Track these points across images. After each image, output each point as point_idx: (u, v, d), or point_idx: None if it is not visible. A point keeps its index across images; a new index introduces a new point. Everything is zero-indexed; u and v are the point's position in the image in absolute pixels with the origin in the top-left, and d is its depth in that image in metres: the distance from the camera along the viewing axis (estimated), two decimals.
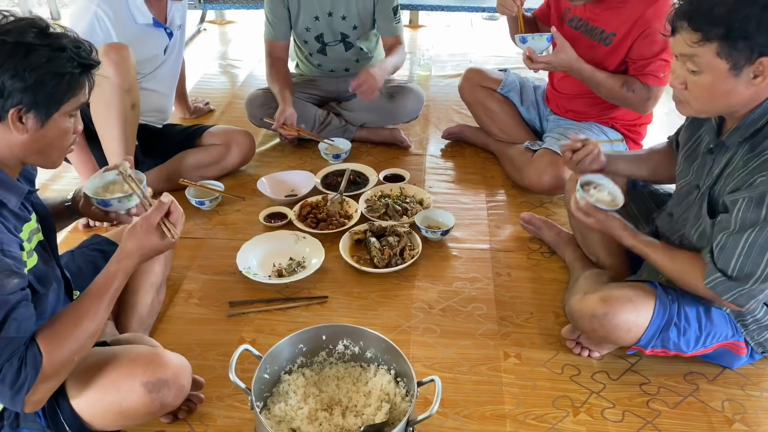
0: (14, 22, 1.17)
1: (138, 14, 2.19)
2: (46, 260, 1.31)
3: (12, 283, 1.14)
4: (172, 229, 1.32)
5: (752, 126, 1.36)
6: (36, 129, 1.19)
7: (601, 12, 2.15)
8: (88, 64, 1.21)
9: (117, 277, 1.28)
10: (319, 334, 1.56)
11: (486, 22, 4.54)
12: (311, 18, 2.59)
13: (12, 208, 1.22)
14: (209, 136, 2.48)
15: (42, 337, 1.18)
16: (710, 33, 1.27)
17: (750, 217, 1.32)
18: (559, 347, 1.75)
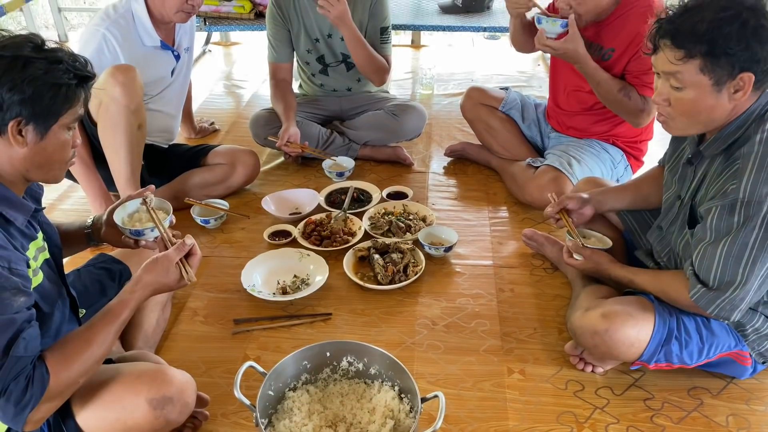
0: (10, 38, 1.20)
1: (146, 37, 2.24)
2: (51, 278, 1.33)
3: (19, 302, 1.16)
4: (190, 271, 1.39)
5: (729, 137, 1.40)
6: (36, 142, 1.21)
7: (600, 29, 2.19)
8: (84, 76, 1.24)
9: (128, 306, 1.32)
10: (323, 351, 1.57)
11: (487, 41, 4.58)
12: (311, 40, 2.63)
13: (19, 226, 1.24)
14: (214, 156, 2.51)
15: (51, 357, 1.20)
16: (693, 50, 1.31)
17: (724, 225, 1.37)
18: (562, 363, 1.76)
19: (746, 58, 1.28)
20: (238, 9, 3.66)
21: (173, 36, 2.35)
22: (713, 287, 1.41)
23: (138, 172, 2.21)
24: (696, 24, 1.30)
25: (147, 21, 2.21)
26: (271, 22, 2.63)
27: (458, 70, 3.95)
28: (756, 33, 1.27)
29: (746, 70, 1.30)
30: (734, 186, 1.34)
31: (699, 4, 1.32)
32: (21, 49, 1.17)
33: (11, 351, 1.13)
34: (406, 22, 3.65)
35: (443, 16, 3.76)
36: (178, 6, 2.16)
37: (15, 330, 1.14)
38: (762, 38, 1.27)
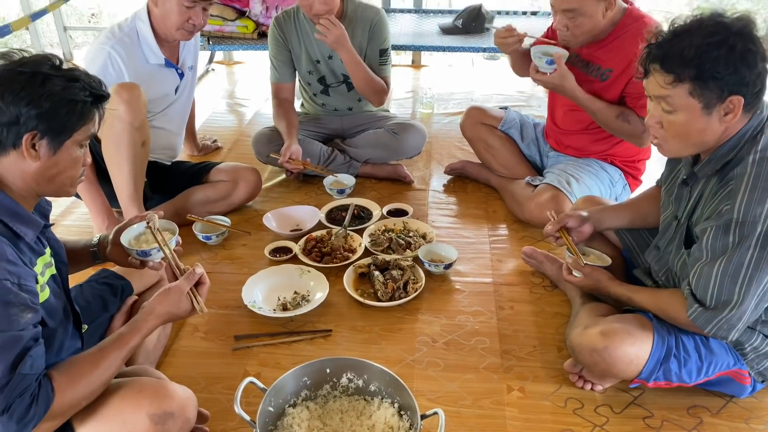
0: (30, 56, 1.24)
1: (150, 55, 2.27)
2: (57, 294, 1.35)
3: (26, 318, 1.17)
4: (201, 301, 1.44)
5: (723, 159, 1.43)
6: (48, 156, 1.24)
7: (597, 50, 2.22)
8: (99, 95, 1.28)
9: (139, 334, 1.36)
10: (323, 367, 1.58)
11: (487, 61, 4.64)
12: (312, 62, 2.67)
13: (28, 241, 1.26)
14: (217, 173, 2.53)
15: (58, 376, 1.21)
16: (682, 74, 1.34)
17: (719, 246, 1.38)
18: (562, 380, 1.76)
19: (734, 81, 1.31)
20: (242, 29, 3.70)
21: (177, 54, 2.39)
22: (710, 307, 1.43)
23: (141, 188, 2.23)
24: (684, 49, 1.33)
25: (151, 39, 2.25)
26: (273, 43, 2.67)
27: (458, 89, 3.99)
28: (743, 57, 1.30)
29: (735, 93, 1.33)
30: (728, 206, 1.36)
31: (687, 29, 1.35)
32: (40, 66, 1.21)
33: (18, 368, 1.14)
34: (407, 42, 3.70)
35: (443, 37, 3.80)
36: (178, 24, 2.20)
37: (22, 347, 1.16)
38: (749, 62, 1.31)
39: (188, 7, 2.17)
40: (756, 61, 1.31)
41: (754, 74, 1.31)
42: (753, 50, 1.31)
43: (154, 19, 2.24)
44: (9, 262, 1.17)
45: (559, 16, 2.12)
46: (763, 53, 1.32)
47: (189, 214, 2.35)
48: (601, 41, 2.19)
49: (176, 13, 2.17)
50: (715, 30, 1.32)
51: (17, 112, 1.18)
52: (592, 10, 2.08)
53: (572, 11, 2.08)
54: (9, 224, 1.23)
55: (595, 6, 2.08)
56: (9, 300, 1.15)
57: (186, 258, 2.29)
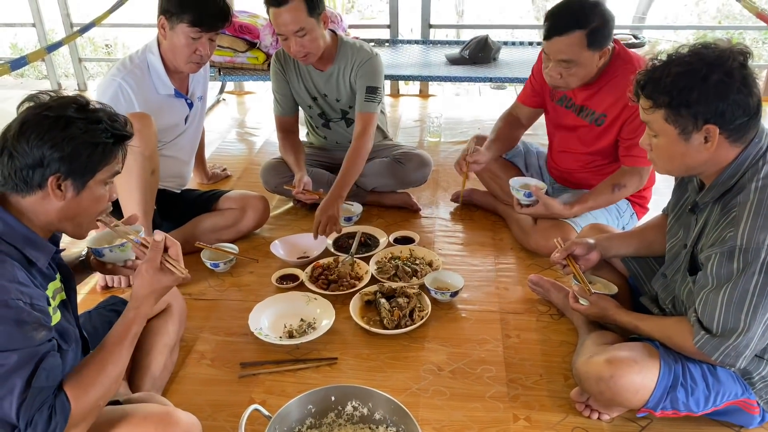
0: (58, 98, 1.28)
1: (160, 85, 2.32)
2: (67, 319, 1.37)
3: (41, 335, 1.20)
4: (176, 264, 1.39)
5: (723, 187, 1.45)
6: (73, 196, 1.28)
7: (590, 93, 2.24)
8: (121, 135, 1.31)
9: (135, 323, 1.36)
10: (329, 395, 1.57)
11: (493, 91, 4.69)
12: (310, 99, 2.72)
13: (40, 266, 1.29)
14: (225, 201, 2.56)
15: (69, 385, 1.24)
16: (658, 101, 1.39)
17: (724, 272, 1.39)
18: (568, 410, 1.75)
19: (707, 111, 1.35)
20: (252, 60, 3.77)
21: (187, 85, 2.44)
22: (717, 334, 1.42)
23: (150, 216, 2.26)
24: (663, 77, 1.38)
25: (161, 70, 2.30)
26: (274, 77, 2.71)
27: (465, 118, 4.03)
28: (716, 88, 1.33)
29: (710, 122, 1.36)
30: (732, 233, 1.37)
31: (670, 60, 1.39)
32: (65, 110, 1.25)
33: (33, 382, 1.17)
34: (415, 73, 3.75)
35: (450, 67, 3.86)
36: (186, 56, 2.26)
37: (36, 362, 1.19)
38: (722, 93, 1.33)
39: (194, 39, 2.22)
40: (728, 92, 1.33)
41: (727, 104, 1.33)
42: (726, 81, 1.33)
43: (164, 51, 2.29)
44: (21, 284, 1.21)
45: (553, 64, 2.13)
46: (740, 84, 1.33)
47: (197, 242, 2.37)
48: (593, 83, 2.21)
49: (184, 45, 2.23)
50: (691, 60, 1.36)
51: (41, 154, 1.23)
52: (588, 61, 2.10)
53: (568, 61, 2.09)
54: (22, 250, 1.26)
55: (591, 57, 2.09)
56: (23, 319, 1.18)
57: (193, 285, 2.31)
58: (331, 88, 2.66)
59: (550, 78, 2.18)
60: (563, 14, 2.06)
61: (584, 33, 2.03)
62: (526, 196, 2.26)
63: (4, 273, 1.20)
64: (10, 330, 1.16)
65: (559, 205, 2.27)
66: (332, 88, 2.66)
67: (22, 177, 1.24)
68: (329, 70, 2.62)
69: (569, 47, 2.06)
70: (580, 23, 2.03)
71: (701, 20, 7.25)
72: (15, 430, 1.17)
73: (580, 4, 2.05)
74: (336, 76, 2.62)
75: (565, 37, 2.04)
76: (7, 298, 1.17)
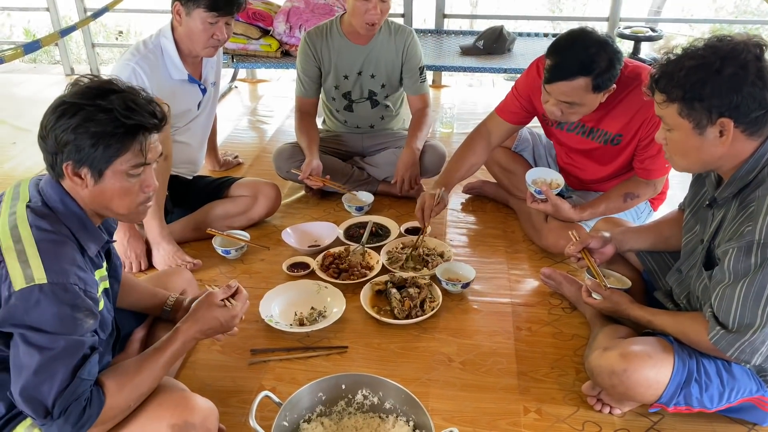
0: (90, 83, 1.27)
1: (174, 70, 2.32)
2: (108, 308, 1.39)
3: (88, 324, 1.23)
4: (232, 301, 1.52)
5: (741, 182, 1.42)
6: (93, 184, 1.28)
7: (601, 115, 2.14)
8: (135, 126, 1.25)
9: (177, 339, 1.42)
10: (339, 383, 1.57)
11: (507, 82, 4.65)
12: (341, 76, 2.70)
13: (91, 254, 1.31)
14: (237, 188, 2.56)
15: (107, 381, 1.27)
16: (671, 95, 1.38)
17: (741, 267, 1.37)
18: (579, 403, 1.73)
19: (721, 104, 1.32)
20: (265, 47, 3.76)
21: (200, 70, 2.43)
22: (732, 329, 1.40)
23: (162, 202, 2.27)
24: (676, 71, 1.36)
25: (175, 55, 2.29)
26: (303, 57, 2.70)
27: (478, 109, 4.00)
28: (730, 81, 1.31)
29: (724, 116, 1.33)
30: (750, 228, 1.34)
31: (684, 54, 1.38)
32: (82, 96, 1.23)
33: (78, 372, 1.20)
34: (428, 63, 3.71)
35: (464, 58, 3.82)
36: (204, 42, 2.25)
37: (83, 353, 1.21)
38: (736, 86, 1.31)
39: (212, 23, 2.21)
40: (742, 85, 1.31)
41: (742, 97, 1.31)
42: (740, 74, 1.31)
43: (178, 36, 2.28)
44: (79, 267, 1.23)
45: (553, 101, 2.03)
46: (755, 77, 1.31)
47: (209, 228, 2.38)
48: (602, 105, 2.07)
49: (201, 31, 2.22)
50: (705, 53, 1.34)
51: (54, 141, 1.23)
52: (592, 102, 2.01)
53: (571, 104, 2.01)
54: (76, 235, 1.28)
55: (595, 98, 2.00)
56: (77, 304, 1.20)
57: (204, 271, 2.31)
58: (369, 64, 2.68)
59: (550, 113, 2.08)
60: (567, 58, 1.93)
61: (589, 79, 1.92)
62: (537, 193, 2.21)
63: (65, 255, 1.22)
64: (65, 314, 1.18)
65: (569, 208, 2.21)
66: (370, 64, 2.68)
67: (50, 163, 1.26)
68: (370, 44, 2.64)
69: (573, 91, 1.96)
70: (585, 69, 1.91)
71: (718, 15, 7.17)
72: (47, 415, 1.19)
73: (585, 46, 1.91)
74: (376, 51, 2.66)
75: (569, 82, 1.94)
76: (66, 282, 1.19)
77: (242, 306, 1.56)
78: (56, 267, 1.19)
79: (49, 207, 1.27)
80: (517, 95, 2.33)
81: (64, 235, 1.25)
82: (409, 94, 2.81)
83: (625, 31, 3.75)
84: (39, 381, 1.17)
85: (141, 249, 2.30)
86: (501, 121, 2.39)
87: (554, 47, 1.99)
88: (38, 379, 1.17)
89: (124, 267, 2.27)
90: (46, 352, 1.17)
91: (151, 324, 1.78)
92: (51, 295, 1.17)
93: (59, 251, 1.21)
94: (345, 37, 2.64)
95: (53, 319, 1.17)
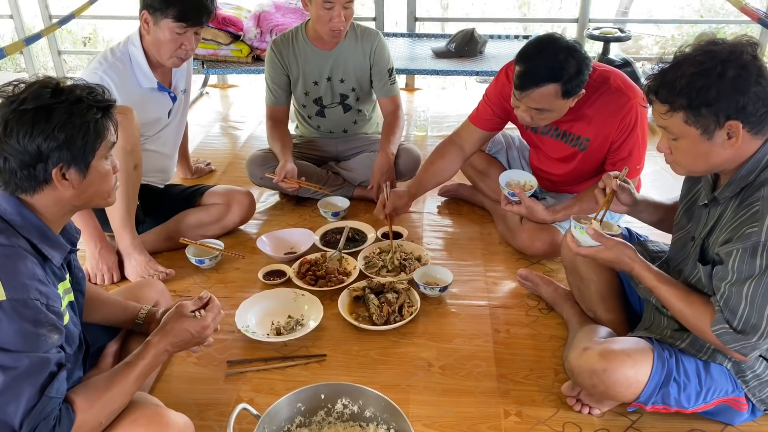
0: (27, 88, 1.23)
1: (143, 79, 2.27)
2: (74, 321, 1.36)
3: (53, 339, 1.19)
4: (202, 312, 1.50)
5: (742, 182, 1.42)
6: (80, 181, 1.27)
7: (573, 119, 2.15)
8: (106, 106, 1.29)
9: (148, 353, 1.38)
10: (318, 393, 1.55)
11: (479, 84, 4.67)
12: (310, 83, 2.68)
13: (54, 264, 1.28)
14: (210, 196, 2.52)
15: (77, 399, 1.23)
16: (675, 104, 1.36)
17: (747, 268, 1.36)
18: (559, 404, 1.74)
19: (728, 107, 1.32)
20: (236, 53, 3.72)
21: (170, 78, 2.39)
22: (738, 328, 1.39)
23: (133, 212, 2.22)
24: (676, 79, 1.35)
25: (144, 63, 2.25)
26: (270, 66, 2.68)
27: (451, 112, 4.01)
28: (734, 83, 1.31)
29: (732, 118, 1.33)
30: (755, 229, 1.33)
31: (680, 60, 1.37)
32: (40, 99, 1.21)
33: (46, 391, 1.16)
34: (401, 66, 3.72)
35: (437, 61, 3.83)
36: (171, 51, 2.21)
37: (50, 370, 1.18)
38: (741, 87, 1.31)
39: (180, 34, 2.17)
40: (747, 85, 1.31)
41: (748, 98, 1.31)
42: (744, 75, 1.31)
43: (147, 45, 2.24)
44: (40, 281, 1.19)
45: (523, 107, 2.03)
46: (757, 76, 1.31)
47: (182, 238, 2.34)
48: (572, 108, 2.08)
49: (169, 41, 2.18)
50: (704, 59, 1.34)
51: (36, 149, 1.20)
52: (561, 107, 2.02)
53: (541, 110, 2.02)
54: (38, 246, 1.24)
55: (565, 104, 2.01)
56: (40, 319, 1.16)
57: (178, 282, 2.27)
58: (337, 69, 2.66)
59: (520, 119, 2.09)
60: (536, 65, 1.93)
61: (558, 85, 1.93)
62: (511, 195, 2.20)
63: (24, 270, 1.18)
64: (27, 330, 1.15)
65: (542, 210, 2.20)
66: (338, 69, 2.66)
67: (25, 176, 1.22)
68: (336, 49, 2.62)
69: (543, 97, 1.96)
70: (554, 76, 1.91)
71: (684, 13, 7.30)
72: None
73: (554, 53, 1.92)
74: (343, 55, 2.64)
75: (538, 89, 1.94)
76: (27, 297, 1.15)
77: (214, 316, 1.53)
78: (15, 282, 1.15)
79: (5, 220, 1.23)
80: (489, 102, 2.33)
81: (23, 248, 1.21)
82: (380, 97, 2.80)
83: (595, 32, 3.79)
84: (4, 402, 1.13)
85: (113, 260, 2.25)
86: (475, 129, 2.39)
87: (523, 54, 1.99)
88: (4, 400, 1.13)
89: (89, 278, 2.22)
90: (10, 371, 1.13)
91: (125, 337, 1.73)
92: (11, 312, 1.13)
93: (18, 266, 1.17)
94: (311, 43, 2.61)
95: (15, 336, 1.13)
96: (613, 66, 2.27)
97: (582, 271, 1.91)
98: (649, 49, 6.57)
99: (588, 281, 1.90)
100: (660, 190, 2.82)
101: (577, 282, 1.97)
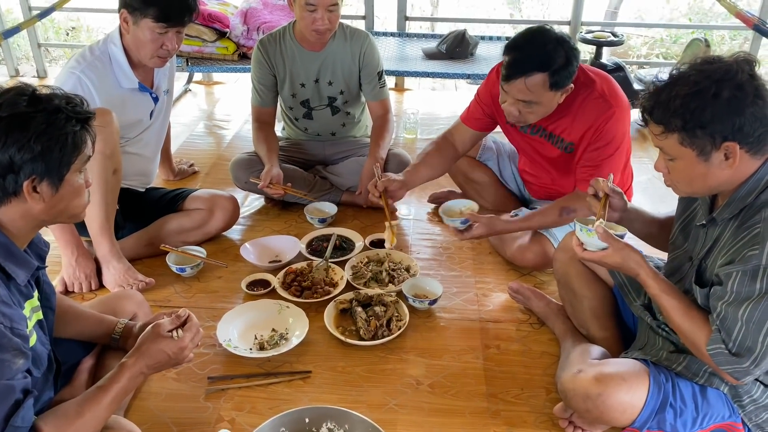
0: (2, 95, 1.17)
1: (123, 79, 2.19)
2: (42, 341, 1.29)
3: (18, 365, 1.13)
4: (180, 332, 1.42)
5: (741, 203, 1.38)
6: (51, 195, 1.20)
7: (556, 122, 2.11)
8: (85, 118, 1.24)
9: (122, 376, 1.32)
10: (302, 417, 1.49)
11: (470, 86, 4.62)
12: (297, 84, 2.61)
13: (20, 283, 1.21)
14: (193, 200, 2.43)
15: (45, 427, 1.17)
16: (670, 125, 1.33)
17: (746, 291, 1.32)
18: (551, 426, 1.69)
19: (724, 128, 1.28)
20: (222, 50, 3.63)
21: (152, 78, 2.31)
22: (732, 350, 1.35)
23: (112, 218, 2.14)
24: (670, 99, 1.31)
25: (124, 63, 2.17)
26: (257, 66, 2.60)
27: (442, 113, 3.95)
28: (730, 104, 1.27)
29: (728, 139, 1.29)
30: (756, 252, 1.30)
31: (674, 80, 1.33)
32: (16, 107, 1.15)
33: (11, 420, 1.11)
34: (391, 67, 3.66)
35: (427, 62, 3.77)
36: (152, 51, 2.13)
37: (15, 398, 1.12)
38: (737, 108, 1.27)
39: (160, 34, 2.09)
40: (743, 106, 1.27)
41: (745, 119, 1.27)
42: (739, 96, 1.27)
43: (126, 42, 2.15)
44: (3, 303, 1.13)
45: (512, 101, 1.99)
46: (754, 96, 1.27)
47: (162, 244, 2.25)
48: (555, 111, 2.05)
49: (149, 41, 2.09)
50: (698, 79, 1.30)
51: (8, 160, 1.14)
52: (549, 101, 1.98)
53: (528, 102, 1.97)
54: (2, 264, 1.18)
55: (552, 97, 1.97)
56: (3, 344, 1.10)
57: (158, 291, 2.19)
58: (324, 71, 2.59)
59: (507, 114, 2.05)
60: (525, 55, 1.90)
61: (546, 75, 1.89)
62: (462, 223, 2.12)
63: None
64: None
65: (501, 222, 2.15)
66: (326, 71, 2.59)
67: None
68: (324, 50, 2.55)
69: (530, 88, 1.92)
70: (542, 65, 1.88)
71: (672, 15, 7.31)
72: None
73: (542, 43, 1.89)
74: (332, 57, 2.57)
75: (525, 78, 1.90)
76: None
77: (193, 336, 1.46)
78: None
79: None
80: (480, 101, 2.30)
81: None
82: (369, 100, 2.73)
83: (588, 36, 3.76)
84: None
85: (91, 268, 2.16)
86: (466, 129, 2.36)
87: (512, 44, 1.96)
88: None
89: (65, 287, 2.15)
90: None
91: (101, 352, 1.66)
92: None
93: None
94: (298, 43, 2.55)
95: None
96: (605, 71, 2.22)
97: (575, 286, 1.86)
98: (638, 49, 6.56)
99: (581, 297, 1.86)
100: (652, 198, 2.79)
101: (569, 297, 1.92)
